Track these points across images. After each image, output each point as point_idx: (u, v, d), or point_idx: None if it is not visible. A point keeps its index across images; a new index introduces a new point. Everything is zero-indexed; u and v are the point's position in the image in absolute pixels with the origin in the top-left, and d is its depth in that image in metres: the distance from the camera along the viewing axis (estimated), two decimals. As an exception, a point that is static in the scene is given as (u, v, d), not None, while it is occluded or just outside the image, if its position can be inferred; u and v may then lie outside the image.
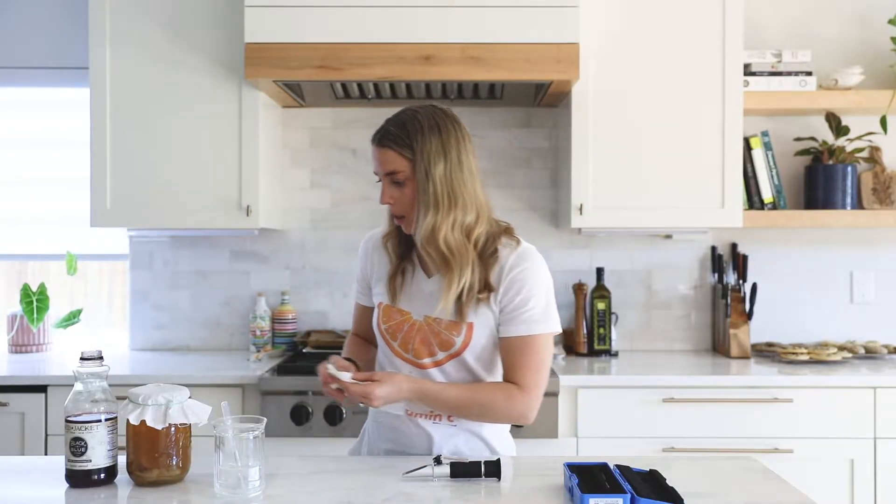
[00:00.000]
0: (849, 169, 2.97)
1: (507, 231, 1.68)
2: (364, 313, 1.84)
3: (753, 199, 2.97)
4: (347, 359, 1.69)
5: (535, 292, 1.62)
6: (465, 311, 1.61)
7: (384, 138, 1.63)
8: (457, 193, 1.61)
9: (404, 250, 1.71)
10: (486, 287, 1.61)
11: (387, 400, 1.55)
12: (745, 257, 3.03)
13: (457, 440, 1.67)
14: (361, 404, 1.57)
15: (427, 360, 1.65)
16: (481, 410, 1.61)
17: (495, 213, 1.72)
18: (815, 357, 2.79)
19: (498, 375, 1.69)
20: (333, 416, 2.47)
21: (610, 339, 2.99)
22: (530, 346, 1.61)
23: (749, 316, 2.94)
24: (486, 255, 1.63)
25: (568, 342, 3.07)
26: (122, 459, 1.48)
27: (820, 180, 2.99)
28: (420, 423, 1.67)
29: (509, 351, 1.63)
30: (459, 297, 1.60)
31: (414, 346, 1.65)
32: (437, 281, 1.65)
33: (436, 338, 1.64)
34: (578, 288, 3.05)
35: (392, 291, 1.69)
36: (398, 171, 1.61)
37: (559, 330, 1.65)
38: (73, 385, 1.47)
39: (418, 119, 1.64)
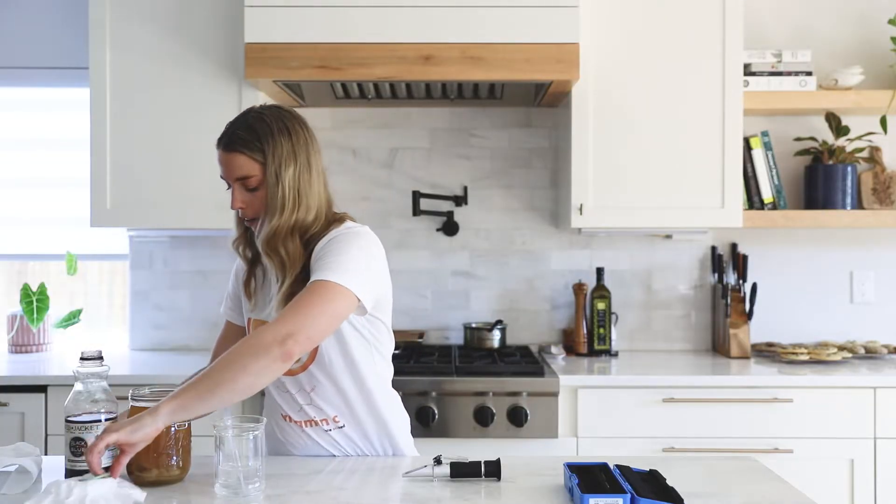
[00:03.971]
0: (849, 169, 2.97)
1: (340, 219, 1.67)
2: (230, 333, 1.78)
3: (753, 199, 2.97)
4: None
5: (343, 248, 1.54)
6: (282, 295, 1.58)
7: (233, 143, 1.59)
8: (302, 195, 1.61)
9: (255, 254, 1.70)
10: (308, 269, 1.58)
11: (135, 430, 1.34)
12: (745, 257, 3.03)
13: (352, 441, 1.67)
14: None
15: (295, 366, 1.61)
16: (229, 373, 1.39)
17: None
18: (815, 357, 2.79)
19: (364, 354, 1.63)
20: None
21: (610, 339, 2.99)
22: (309, 289, 1.49)
23: (749, 316, 2.94)
24: (312, 244, 1.61)
25: (568, 342, 3.07)
26: (122, 459, 1.48)
27: (820, 180, 2.99)
28: (307, 431, 1.66)
29: None
30: (294, 293, 1.55)
31: None
32: None
33: None
34: (578, 288, 3.05)
35: (248, 296, 1.69)
36: (250, 177, 1.59)
37: (352, 288, 1.50)
38: (73, 385, 1.47)
39: (266, 121, 1.60)
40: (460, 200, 3.10)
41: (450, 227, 3.12)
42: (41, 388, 2.55)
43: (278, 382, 1.66)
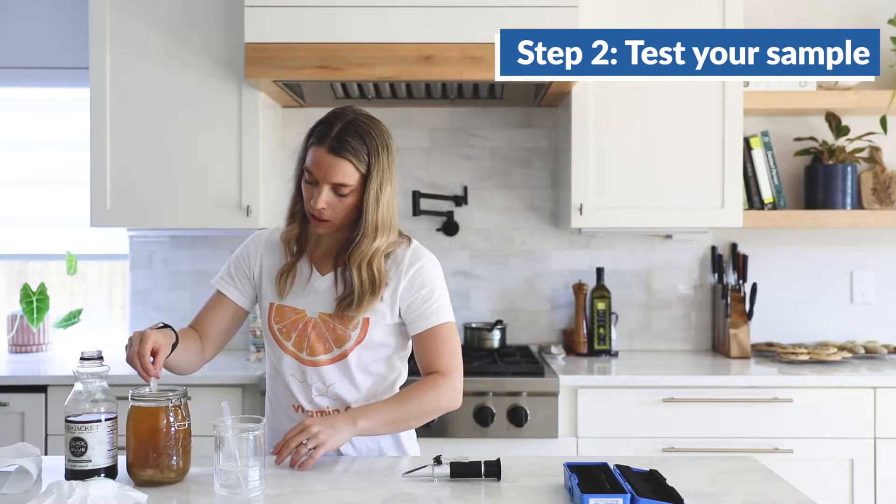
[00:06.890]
0: (849, 169, 2.97)
1: (399, 233, 1.73)
2: (220, 305, 1.77)
3: (753, 199, 2.97)
4: (165, 325, 1.60)
5: (436, 285, 1.69)
6: (361, 308, 1.64)
7: (344, 149, 1.59)
8: (394, 218, 1.67)
9: (300, 247, 1.72)
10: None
11: (328, 433, 1.53)
12: (745, 257, 3.03)
13: (364, 438, 1.68)
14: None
15: (323, 357, 1.66)
16: (419, 412, 1.64)
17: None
18: (815, 357, 2.79)
19: (376, 378, 1.70)
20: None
21: (610, 339, 2.99)
22: (443, 335, 1.67)
23: (749, 316, 2.94)
24: (387, 259, 1.68)
25: (568, 342, 3.07)
26: (122, 459, 1.48)
27: (820, 180, 2.99)
28: None
29: (426, 343, 1.67)
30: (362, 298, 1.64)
31: (310, 343, 1.66)
32: (330, 279, 1.67)
33: (332, 333, 1.65)
34: (578, 288, 3.05)
35: (280, 287, 1.69)
36: (348, 185, 1.60)
37: (454, 319, 1.72)
38: (73, 385, 1.47)
39: (373, 135, 1.62)
40: (460, 200, 3.10)
41: (450, 227, 3.12)
42: (41, 388, 2.55)
43: (299, 373, 1.68)
